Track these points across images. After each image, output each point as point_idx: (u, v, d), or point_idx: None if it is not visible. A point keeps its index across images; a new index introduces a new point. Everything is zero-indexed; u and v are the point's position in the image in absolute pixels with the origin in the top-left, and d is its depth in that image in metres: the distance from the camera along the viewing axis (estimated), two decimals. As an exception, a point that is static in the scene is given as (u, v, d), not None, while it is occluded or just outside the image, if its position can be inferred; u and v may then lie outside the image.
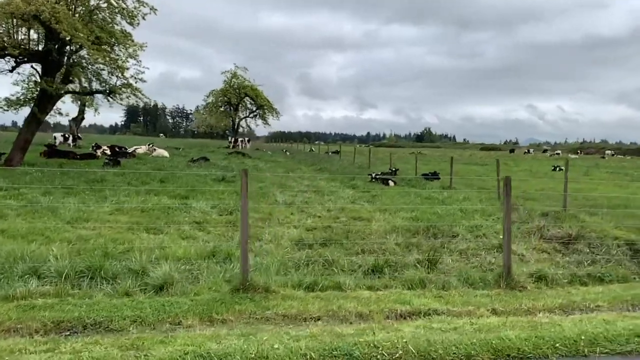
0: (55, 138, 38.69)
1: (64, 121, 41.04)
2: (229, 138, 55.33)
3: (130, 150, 31.79)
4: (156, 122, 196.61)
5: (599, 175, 33.13)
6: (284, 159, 35.71)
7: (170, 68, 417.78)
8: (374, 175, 21.47)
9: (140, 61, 23.09)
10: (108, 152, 28.09)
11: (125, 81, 23.18)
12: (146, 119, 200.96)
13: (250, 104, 60.28)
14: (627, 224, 11.94)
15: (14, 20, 19.79)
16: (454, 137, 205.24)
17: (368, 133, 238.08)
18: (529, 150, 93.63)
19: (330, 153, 50.73)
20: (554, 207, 14.43)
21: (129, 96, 24.64)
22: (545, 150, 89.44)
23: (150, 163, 24.97)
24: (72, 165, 21.78)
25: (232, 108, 58.85)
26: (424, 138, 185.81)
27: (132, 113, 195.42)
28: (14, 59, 21.29)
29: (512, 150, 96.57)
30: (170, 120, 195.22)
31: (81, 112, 41.04)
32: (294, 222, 10.86)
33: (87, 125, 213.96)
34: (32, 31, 21.42)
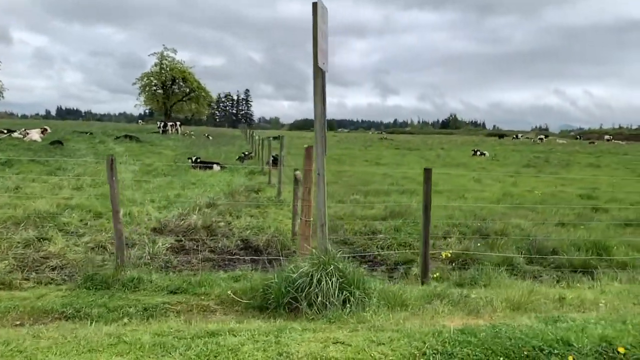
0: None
1: None
2: (158, 123, 53.65)
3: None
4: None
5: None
6: (174, 144, 33.89)
7: (193, 57, 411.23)
8: (194, 159, 19.87)
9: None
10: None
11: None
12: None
13: (185, 87, 58.51)
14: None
15: None
16: (483, 123, 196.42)
17: (395, 120, 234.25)
18: (516, 136, 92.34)
19: (271, 138, 49.24)
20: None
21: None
22: (545, 137, 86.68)
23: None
24: None
25: (161, 91, 57.04)
26: (449, 125, 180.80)
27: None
28: None
29: (500, 136, 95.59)
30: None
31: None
32: None
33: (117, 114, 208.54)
34: None
